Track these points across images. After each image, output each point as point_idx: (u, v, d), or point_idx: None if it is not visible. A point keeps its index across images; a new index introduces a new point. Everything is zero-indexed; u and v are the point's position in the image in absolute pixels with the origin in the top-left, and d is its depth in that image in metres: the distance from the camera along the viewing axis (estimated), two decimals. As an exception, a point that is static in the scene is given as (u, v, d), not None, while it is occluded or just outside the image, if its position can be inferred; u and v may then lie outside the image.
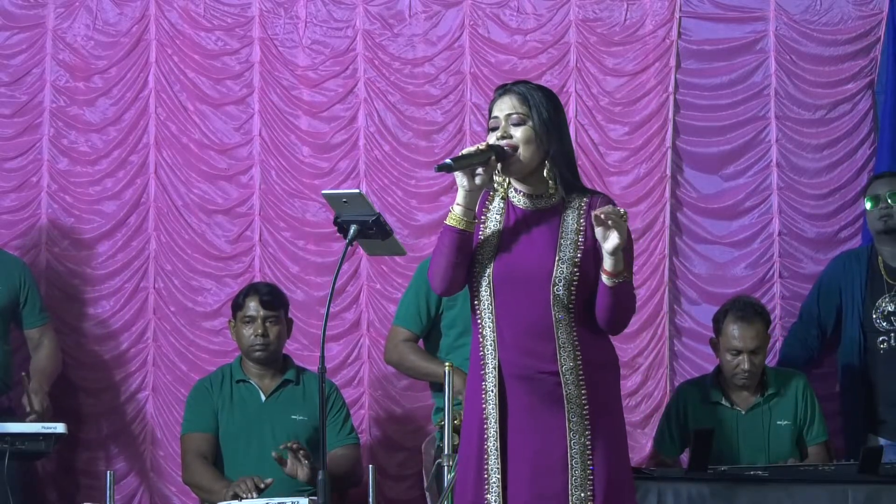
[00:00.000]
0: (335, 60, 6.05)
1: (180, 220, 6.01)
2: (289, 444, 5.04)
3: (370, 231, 3.95)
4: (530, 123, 3.86)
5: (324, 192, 4.08)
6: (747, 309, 5.30)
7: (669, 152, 5.94)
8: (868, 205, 5.52)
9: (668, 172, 5.93)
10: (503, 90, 3.95)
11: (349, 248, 4.01)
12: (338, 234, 4.00)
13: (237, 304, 5.40)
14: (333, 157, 6.02)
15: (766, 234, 5.94)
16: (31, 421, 5.27)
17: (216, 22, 6.08)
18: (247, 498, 4.88)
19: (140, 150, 6.05)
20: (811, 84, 5.95)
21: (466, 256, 3.87)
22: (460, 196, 3.85)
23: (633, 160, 5.95)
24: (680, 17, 5.97)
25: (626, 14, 5.99)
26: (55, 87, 6.06)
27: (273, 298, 5.36)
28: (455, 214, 3.85)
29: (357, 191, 4.06)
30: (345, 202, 3.94)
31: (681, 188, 5.96)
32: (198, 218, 6.02)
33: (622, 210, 3.69)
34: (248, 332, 5.33)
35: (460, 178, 3.82)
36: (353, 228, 3.94)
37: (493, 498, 3.81)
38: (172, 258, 6.00)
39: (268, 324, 5.32)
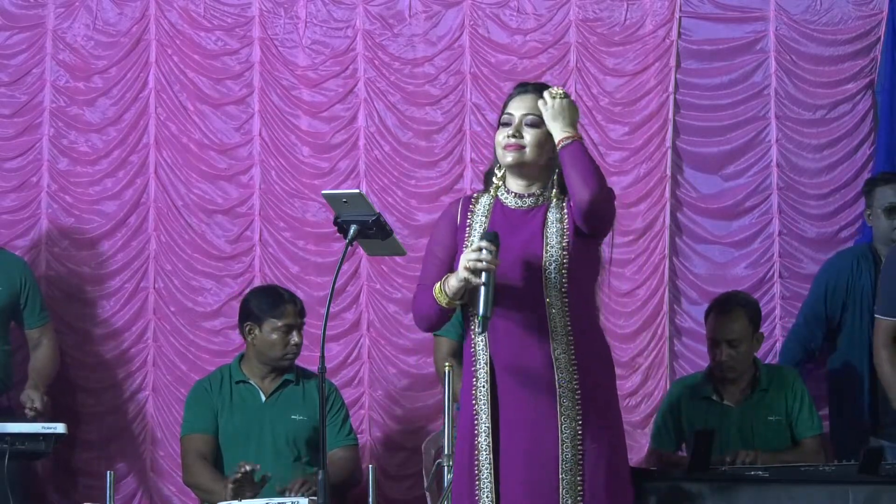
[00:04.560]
0: (335, 60, 6.05)
1: (180, 220, 6.01)
2: (294, 486, 5.03)
3: (370, 231, 3.96)
4: (544, 128, 3.89)
5: (324, 192, 4.08)
6: (729, 301, 5.29)
7: (669, 152, 5.94)
8: (882, 215, 5.47)
9: (668, 172, 5.92)
10: (524, 89, 3.98)
11: (349, 248, 4.02)
12: (338, 234, 4.01)
13: (272, 311, 5.26)
14: (333, 157, 6.02)
15: (766, 234, 5.94)
16: (30, 418, 5.27)
17: (216, 22, 6.08)
18: (245, 477, 4.87)
19: (140, 150, 6.05)
20: (811, 84, 5.94)
21: (445, 319, 3.96)
22: (456, 290, 3.83)
23: (633, 160, 5.94)
24: (680, 17, 5.97)
25: (626, 14, 5.99)
26: (55, 87, 6.06)
27: (302, 304, 5.34)
28: (447, 297, 3.86)
29: (357, 191, 4.06)
30: (345, 202, 3.94)
31: (681, 188, 5.96)
32: (198, 218, 6.01)
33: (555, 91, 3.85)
34: (283, 340, 5.25)
35: (470, 277, 3.78)
36: (353, 228, 3.94)
37: (486, 494, 3.83)
38: (172, 258, 6.00)
39: (301, 331, 5.31)
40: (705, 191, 5.97)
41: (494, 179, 3.99)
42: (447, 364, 4.56)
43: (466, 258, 3.77)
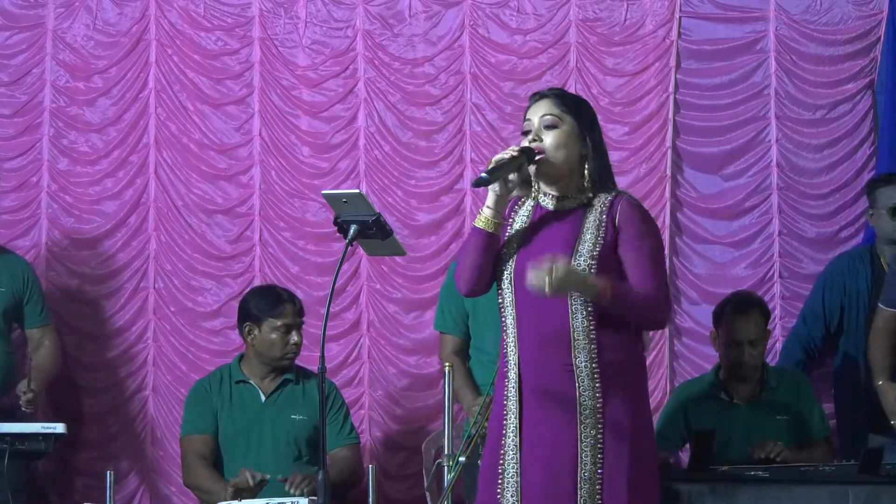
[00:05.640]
0: (335, 60, 6.05)
1: (180, 220, 6.01)
2: (294, 479, 5.04)
3: (370, 231, 3.96)
4: (564, 127, 3.88)
5: (324, 192, 4.09)
6: (746, 301, 5.31)
7: (669, 152, 5.94)
8: (887, 214, 5.45)
9: (668, 172, 5.92)
10: (539, 95, 3.97)
11: (349, 248, 4.02)
12: (338, 234, 4.01)
13: (270, 311, 5.26)
14: (333, 157, 6.02)
15: (766, 234, 5.94)
16: (24, 409, 5.27)
17: (216, 22, 6.08)
18: (247, 486, 4.88)
19: (140, 150, 6.05)
20: (811, 84, 5.94)
21: (492, 259, 3.90)
22: (490, 200, 3.86)
23: (633, 160, 5.94)
24: (680, 17, 5.97)
25: (626, 14, 5.98)
26: (55, 87, 6.07)
27: (301, 303, 5.34)
28: (484, 217, 3.86)
29: (357, 191, 4.07)
30: (345, 202, 3.95)
31: (681, 188, 5.96)
32: (198, 218, 6.02)
33: (551, 269, 3.68)
34: (283, 340, 5.25)
35: (492, 183, 3.82)
36: (353, 228, 3.95)
37: (510, 493, 3.82)
38: (172, 258, 6.00)
39: (300, 330, 5.30)
40: (705, 191, 5.97)
41: (533, 187, 3.96)
42: (447, 364, 4.56)
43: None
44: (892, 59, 5.85)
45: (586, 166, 3.89)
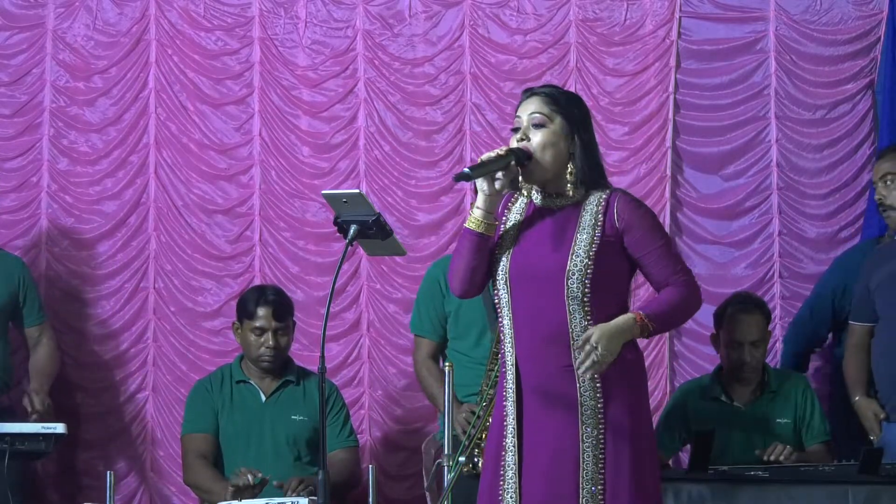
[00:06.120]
0: (335, 60, 6.05)
1: (180, 220, 6.01)
2: (290, 484, 5.04)
3: (370, 231, 3.95)
4: (552, 127, 3.85)
5: (324, 192, 4.08)
6: (747, 302, 5.31)
7: (669, 152, 5.94)
8: None
9: (668, 172, 5.92)
10: (530, 92, 3.93)
11: (349, 248, 4.02)
12: (338, 234, 4.01)
13: (246, 311, 5.31)
14: (333, 157, 6.02)
15: (766, 234, 5.94)
16: (33, 420, 5.28)
17: (216, 22, 6.08)
18: (249, 486, 4.88)
19: (140, 150, 6.05)
20: (811, 84, 5.94)
21: (485, 260, 3.88)
22: (480, 200, 3.83)
23: (633, 160, 5.94)
24: (680, 17, 5.97)
25: (626, 14, 5.99)
26: (55, 87, 6.07)
27: (284, 309, 5.32)
28: (475, 217, 3.84)
29: (357, 191, 4.06)
30: (345, 202, 3.94)
31: (681, 188, 5.96)
32: (198, 218, 6.02)
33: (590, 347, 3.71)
34: (257, 342, 5.28)
35: (480, 183, 3.81)
36: (353, 228, 3.94)
37: (510, 495, 3.82)
38: (172, 258, 6.00)
39: (279, 334, 5.30)
40: (705, 191, 5.97)
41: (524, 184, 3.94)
42: (448, 364, 4.55)
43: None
44: (892, 59, 5.85)
45: (570, 165, 3.87)
